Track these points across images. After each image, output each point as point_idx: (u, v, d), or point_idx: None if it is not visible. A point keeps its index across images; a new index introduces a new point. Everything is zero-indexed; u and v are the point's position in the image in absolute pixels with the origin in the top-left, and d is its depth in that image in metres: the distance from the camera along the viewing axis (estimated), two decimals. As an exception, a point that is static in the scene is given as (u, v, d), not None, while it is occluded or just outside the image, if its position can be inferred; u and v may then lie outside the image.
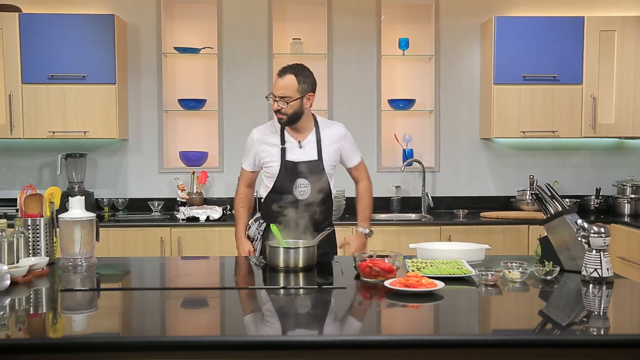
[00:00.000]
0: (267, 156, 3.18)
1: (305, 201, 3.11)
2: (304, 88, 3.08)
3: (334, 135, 3.23)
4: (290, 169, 3.12)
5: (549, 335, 1.93)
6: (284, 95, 3.04)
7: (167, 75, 5.03)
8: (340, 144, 3.25)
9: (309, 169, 3.12)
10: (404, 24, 5.12)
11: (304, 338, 1.88)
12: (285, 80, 3.06)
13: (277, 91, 3.06)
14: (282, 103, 3.05)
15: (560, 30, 4.73)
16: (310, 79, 3.12)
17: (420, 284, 2.24)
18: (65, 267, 2.66)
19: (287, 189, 3.12)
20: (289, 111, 3.06)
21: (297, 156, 3.14)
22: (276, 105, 3.07)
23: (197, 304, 2.30)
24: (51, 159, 4.90)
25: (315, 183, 3.12)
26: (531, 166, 5.09)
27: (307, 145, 3.17)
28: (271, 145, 3.17)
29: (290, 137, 3.17)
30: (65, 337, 1.91)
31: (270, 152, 3.16)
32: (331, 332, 1.98)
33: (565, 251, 2.63)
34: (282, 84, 3.06)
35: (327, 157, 3.19)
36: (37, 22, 4.54)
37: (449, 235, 4.44)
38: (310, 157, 3.15)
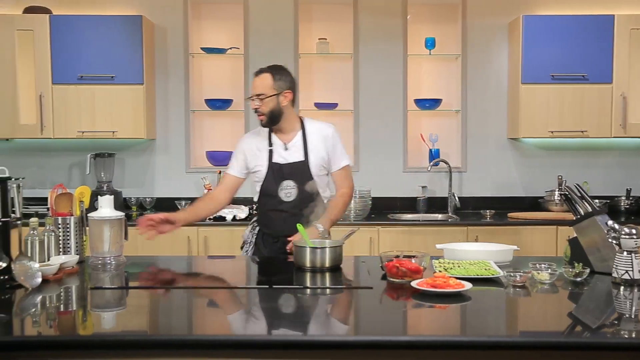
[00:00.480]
0: (255, 160, 3.20)
1: (292, 203, 3.12)
2: (280, 85, 3.10)
3: (321, 136, 3.19)
4: (276, 171, 3.13)
5: (579, 338, 1.90)
6: (259, 93, 3.08)
7: (194, 76, 5.07)
8: (327, 145, 3.19)
9: (294, 171, 3.12)
10: (430, 23, 5.10)
11: (331, 338, 1.88)
12: (260, 78, 3.12)
13: (254, 90, 3.12)
14: (257, 101, 3.08)
15: (590, 28, 4.66)
16: (287, 77, 3.14)
17: (448, 284, 2.23)
18: (95, 265, 2.69)
19: (273, 191, 3.13)
20: (265, 109, 3.09)
21: (283, 158, 3.15)
22: (253, 104, 3.11)
23: (223, 303, 2.31)
24: (80, 159, 4.96)
25: (302, 185, 3.11)
26: (559, 166, 5.03)
27: (293, 147, 3.17)
28: (259, 149, 3.20)
29: (277, 139, 3.19)
30: (94, 334, 1.93)
31: (259, 155, 3.19)
32: (357, 332, 1.98)
33: (595, 252, 2.59)
34: (257, 82, 3.12)
35: (314, 159, 3.15)
36: (67, 23, 4.61)
37: (476, 235, 4.41)
38: (296, 159, 3.15)
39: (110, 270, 2.68)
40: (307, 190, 3.13)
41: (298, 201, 3.12)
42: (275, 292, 2.37)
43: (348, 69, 5.05)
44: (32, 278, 2.32)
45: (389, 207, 5.03)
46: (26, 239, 2.49)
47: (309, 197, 3.13)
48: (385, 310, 2.20)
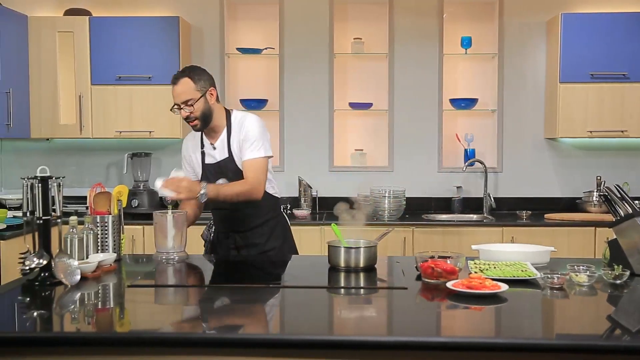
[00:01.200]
0: (193, 163, 3.21)
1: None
2: (202, 85, 3.01)
3: (239, 128, 3.08)
4: (208, 171, 3.13)
5: (618, 342, 1.87)
6: (187, 99, 2.98)
7: (230, 76, 5.11)
8: (240, 135, 3.07)
9: (223, 169, 3.09)
10: (466, 22, 5.05)
11: (364, 338, 1.87)
12: (180, 85, 2.99)
13: (178, 98, 2.99)
14: (188, 108, 2.99)
15: (630, 26, 4.58)
16: (205, 75, 3.05)
17: (484, 285, 2.21)
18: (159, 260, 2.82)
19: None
20: (197, 114, 3.00)
21: (213, 157, 3.13)
22: (184, 113, 3.01)
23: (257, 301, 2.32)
24: (118, 158, 5.04)
25: (234, 179, 3.06)
26: (598, 167, 4.94)
27: (219, 145, 3.12)
28: (194, 152, 3.20)
29: (207, 141, 3.15)
30: (131, 331, 1.96)
31: (196, 158, 3.20)
32: (392, 333, 1.97)
33: (635, 254, 2.54)
34: (179, 90, 2.99)
35: (237, 152, 3.08)
36: (106, 25, 4.69)
37: (512, 236, 4.36)
38: (222, 157, 3.11)
39: (174, 264, 2.78)
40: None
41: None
42: (309, 292, 2.38)
43: (383, 68, 5.03)
44: (71, 275, 2.37)
45: (423, 208, 5.00)
46: (66, 237, 2.54)
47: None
48: (420, 311, 2.19)
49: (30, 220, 2.41)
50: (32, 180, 2.40)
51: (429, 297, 2.31)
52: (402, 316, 2.14)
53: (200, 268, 2.92)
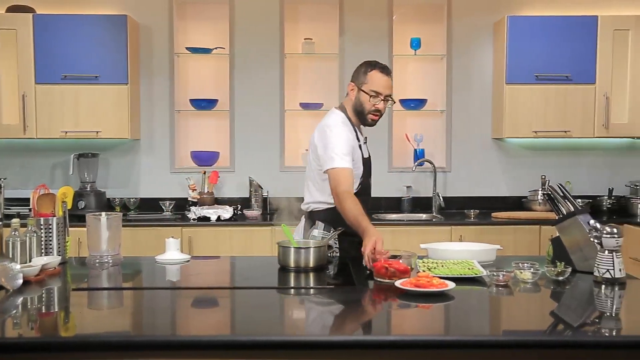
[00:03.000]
0: (355, 152, 2.95)
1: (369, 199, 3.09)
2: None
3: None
4: (367, 166, 3.06)
5: (561, 336, 1.91)
6: (390, 95, 2.96)
7: (179, 75, 5.05)
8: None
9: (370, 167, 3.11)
10: (415, 23, 5.11)
11: (314, 338, 1.88)
12: (390, 78, 2.97)
13: (386, 90, 2.93)
14: (387, 103, 2.96)
15: (574, 29, 4.70)
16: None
17: (431, 284, 2.24)
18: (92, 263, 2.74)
19: (369, 188, 3.09)
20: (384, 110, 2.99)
21: (368, 152, 3.11)
22: (382, 105, 2.93)
23: (207, 303, 2.30)
24: (64, 159, 4.93)
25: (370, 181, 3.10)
26: (543, 166, 5.06)
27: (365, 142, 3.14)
28: (354, 141, 2.97)
29: (360, 135, 3.10)
30: (76, 335, 1.92)
31: (356, 148, 2.97)
32: (341, 332, 1.98)
33: (577, 252, 2.61)
34: (390, 83, 2.96)
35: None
36: (51, 22, 4.58)
37: (460, 235, 4.43)
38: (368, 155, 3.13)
39: (108, 267, 2.71)
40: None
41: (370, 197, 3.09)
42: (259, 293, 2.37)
43: (334, 69, 5.05)
44: (13, 279, 2.30)
45: (373, 207, 5.01)
46: (7, 240, 2.47)
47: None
48: (369, 310, 2.20)
49: (-31, 223, 2.34)
50: (-28, 181, 2.33)
51: (378, 295, 2.33)
52: (351, 315, 2.15)
53: (143, 271, 2.87)
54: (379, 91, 2.92)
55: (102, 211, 3.07)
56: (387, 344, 1.84)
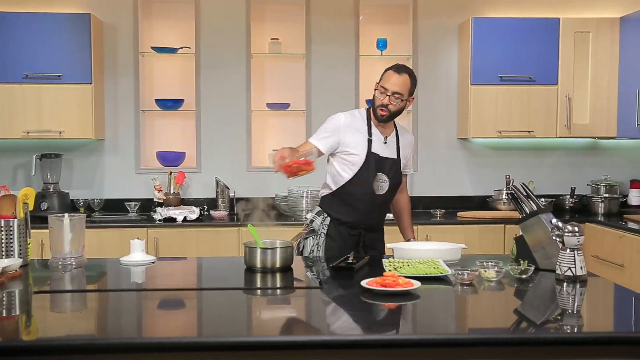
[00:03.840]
0: (351, 143, 3.12)
1: (381, 197, 3.16)
2: (411, 90, 3.13)
3: (408, 141, 3.32)
4: (376, 161, 3.13)
5: (524, 334, 1.95)
6: (397, 92, 3.06)
7: (144, 75, 5.00)
8: (409, 151, 3.34)
9: (389, 166, 3.16)
10: (382, 24, 5.14)
11: (280, 338, 1.87)
12: (402, 77, 3.09)
13: (393, 87, 3.07)
14: (393, 99, 3.07)
15: (536, 31, 4.77)
16: (416, 84, 3.18)
17: (397, 283, 2.25)
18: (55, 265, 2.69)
19: (368, 181, 3.12)
20: (393, 109, 3.09)
21: (382, 150, 3.16)
22: (387, 100, 3.07)
23: (174, 305, 2.29)
24: (26, 160, 4.83)
25: (393, 181, 3.17)
26: (508, 166, 5.13)
27: (390, 143, 3.20)
28: (358, 133, 3.14)
29: (377, 132, 3.18)
30: (39, 339, 1.89)
31: (357, 140, 3.13)
32: (307, 332, 1.98)
33: (540, 250, 2.66)
34: (400, 81, 3.08)
35: (402, 160, 3.25)
36: (12, 20, 4.49)
37: (427, 234, 4.46)
38: (391, 155, 3.19)
39: (71, 270, 2.67)
40: (394, 187, 3.20)
41: (386, 196, 3.18)
42: (226, 294, 2.36)
43: (300, 69, 5.05)
44: (-27, 282, 2.26)
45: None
46: (-33, 243, 2.42)
47: (392, 194, 3.23)
48: (335, 310, 2.21)
49: None
50: None
51: (343, 295, 2.33)
52: (317, 316, 2.15)
53: (108, 273, 2.84)
54: (386, 87, 3.08)
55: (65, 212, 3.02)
56: (353, 343, 1.84)
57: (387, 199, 3.23)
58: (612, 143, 5.16)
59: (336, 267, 2.65)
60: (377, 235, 3.30)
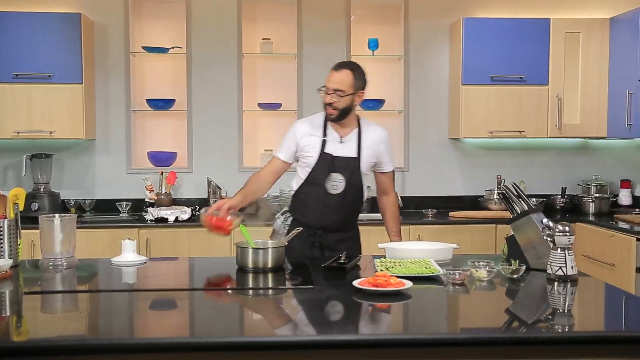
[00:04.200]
0: (306, 146, 3.16)
1: (336, 197, 3.12)
2: (357, 85, 3.11)
3: (375, 137, 3.24)
4: (327, 161, 3.12)
5: (515, 333, 1.95)
6: (338, 89, 3.05)
7: (135, 75, 4.98)
8: (380, 148, 3.25)
9: (345, 165, 3.14)
10: (373, 24, 5.14)
11: (272, 339, 1.87)
12: (341, 74, 3.08)
13: (332, 84, 3.07)
14: (335, 97, 3.05)
15: (527, 31, 4.79)
16: (364, 77, 3.16)
17: (389, 283, 2.25)
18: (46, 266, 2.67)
19: (320, 181, 3.12)
20: (340, 105, 3.07)
21: (336, 150, 3.14)
22: (329, 98, 3.07)
23: (165, 305, 2.28)
24: (16, 160, 4.81)
25: (349, 180, 3.14)
26: (499, 166, 5.15)
27: (348, 141, 3.18)
28: (313, 137, 3.16)
29: (333, 131, 3.17)
30: (29, 340, 1.88)
31: (311, 143, 3.15)
32: (299, 333, 1.98)
33: (531, 250, 2.66)
34: (337, 78, 3.07)
35: (365, 158, 3.19)
36: (2, 20, 4.46)
37: (418, 234, 4.47)
38: (348, 154, 3.16)
39: (62, 270, 2.65)
40: (353, 186, 3.15)
41: (342, 195, 3.13)
42: (218, 294, 2.36)
43: (292, 69, 5.05)
44: (-37, 283, 2.24)
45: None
46: (-43, 243, 2.41)
47: (352, 193, 3.17)
48: (327, 310, 2.21)
49: None
50: None
51: (336, 296, 2.33)
52: (309, 316, 2.15)
53: (99, 273, 2.83)
54: (327, 85, 3.10)
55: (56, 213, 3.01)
56: (346, 343, 1.84)
57: (346, 199, 3.15)
58: (602, 143, 5.19)
59: (328, 267, 2.65)
60: (341, 236, 3.22)
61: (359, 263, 2.79)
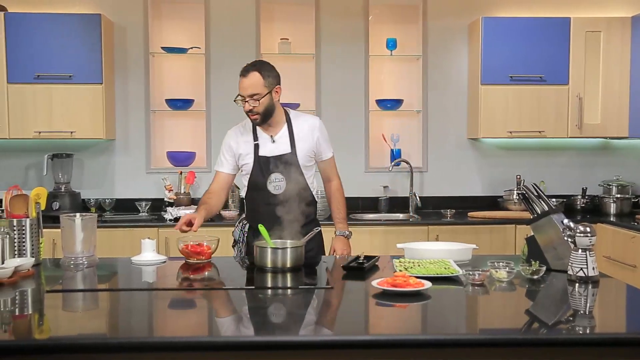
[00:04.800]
0: (242, 153, 3.16)
1: (281, 196, 3.07)
2: (270, 82, 3.06)
3: (308, 128, 3.19)
4: (263, 163, 3.11)
5: (536, 335, 1.94)
6: (253, 94, 3.02)
7: (155, 75, 5.01)
8: (315, 135, 3.18)
9: (282, 163, 3.10)
10: (391, 24, 5.13)
11: (291, 338, 1.87)
12: (250, 78, 3.03)
13: (245, 91, 3.03)
14: (252, 102, 3.02)
15: (547, 30, 4.75)
16: (274, 72, 3.10)
17: (408, 283, 2.25)
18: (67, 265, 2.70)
19: (261, 185, 3.11)
20: (260, 109, 3.04)
21: (270, 151, 3.13)
22: (247, 106, 3.03)
23: (185, 304, 2.29)
24: (37, 160, 4.86)
25: (290, 177, 3.10)
26: (518, 166, 5.11)
27: (280, 139, 3.15)
28: (246, 143, 3.16)
29: (263, 133, 3.15)
30: (51, 338, 1.90)
31: (246, 149, 3.15)
32: (318, 332, 1.98)
33: (551, 251, 2.64)
34: (248, 83, 3.03)
35: (301, 150, 3.14)
36: (23, 21, 4.51)
37: (437, 235, 4.45)
38: (283, 151, 3.13)
39: (83, 269, 2.68)
40: (296, 182, 3.10)
41: (287, 194, 3.08)
42: (237, 293, 2.36)
43: (310, 69, 5.05)
44: (-14, 282, 2.27)
45: (350, 207, 4.98)
46: (-20, 242, 2.44)
47: (297, 189, 3.11)
48: (346, 309, 2.21)
49: (-60, 225, 2.30)
50: (-57, 183, 2.29)
51: (354, 296, 2.33)
52: (328, 315, 2.15)
53: (119, 272, 2.85)
54: (241, 94, 3.06)
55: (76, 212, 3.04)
56: (364, 343, 1.84)
57: (291, 196, 3.06)
58: (623, 143, 5.14)
59: (346, 267, 2.65)
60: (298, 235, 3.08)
61: (377, 263, 2.78)
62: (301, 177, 3.13)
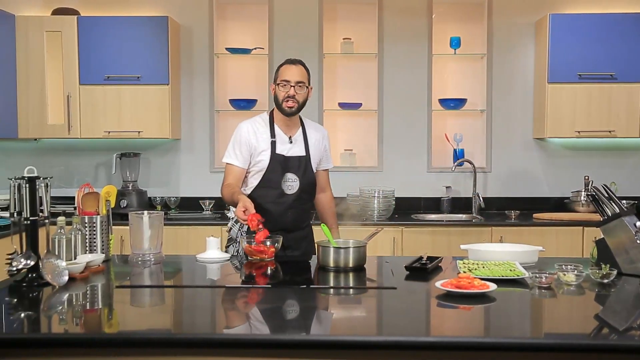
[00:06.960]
0: (258, 148, 3.14)
1: (293, 196, 3.12)
2: (309, 79, 3.17)
3: (319, 135, 3.28)
4: (280, 162, 3.12)
5: (606, 340, 1.88)
6: (300, 81, 3.08)
7: (219, 76, 5.10)
8: (323, 144, 3.29)
9: (297, 164, 3.14)
10: (455, 22, 5.06)
11: (354, 338, 1.87)
12: (299, 67, 3.12)
13: (294, 77, 3.08)
14: (297, 89, 3.08)
15: (618, 27, 4.60)
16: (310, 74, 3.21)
17: (472, 285, 2.21)
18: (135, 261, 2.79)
19: (275, 183, 3.12)
20: (301, 98, 3.11)
21: (287, 150, 3.15)
22: (292, 90, 3.07)
23: (248, 301, 2.32)
24: (106, 159, 5.02)
25: (303, 179, 3.14)
26: (586, 167, 4.97)
27: (297, 141, 3.18)
28: (264, 139, 3.15)
29: (280, 132, 3.17)
30: (119, 332, 1.96)
31: (263, 145, 3.14)
32: (381, 333, 1.98)
33: (623, 254, 2.56)
34: (298, 71, 3.11)
35: (313, 156, 3.21)
36: (95, 24, 4.66)
37: (501, 236, 4.37)
38: (299, 153, 3.17)
39: (150, 265, 2.76)
40: (307, 184, 3.17)
41: (298, 195, 3.14)
42: (298, 291, 2.38)
43: (372, 68, 5.04)
44: (59, 276, 2.36)
45: (412, 207, 5.01)
46: (54, 238, 2.52)
47: (308, 191, 3.19)
48: (409, 310, 2.19)
49: (17, 221, 2.40)
50: (20, 180, 2.39)
51: (418, 297, 2.31)
52: (391, 316, 2.14)
53: (184, 269, 2.91)
54: (287, 79, 3.09)
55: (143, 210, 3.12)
56: (428, 345, 1.83)
57: (302, 197, 3.14)
58: (699, 143, 4.92)
59: (409, 268, 2.63)
60: (300, 234, 3.21)
61: (440, 264, 2.75)
62: (312, 180, 3.21)
